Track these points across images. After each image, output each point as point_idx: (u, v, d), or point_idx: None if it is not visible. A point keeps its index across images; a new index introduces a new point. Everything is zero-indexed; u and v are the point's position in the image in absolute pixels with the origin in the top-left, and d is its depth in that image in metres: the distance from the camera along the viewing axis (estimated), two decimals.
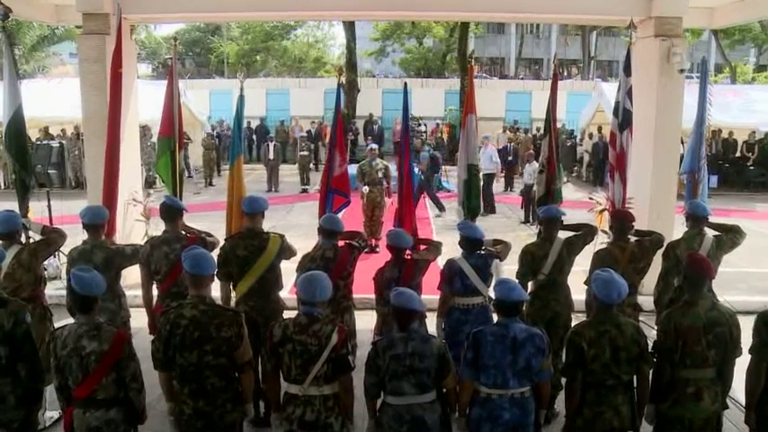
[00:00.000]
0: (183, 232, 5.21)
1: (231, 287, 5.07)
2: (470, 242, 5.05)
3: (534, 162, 13.02)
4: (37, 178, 16.30)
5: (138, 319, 5.34)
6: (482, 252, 5.11)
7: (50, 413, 5.06)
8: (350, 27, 24.41)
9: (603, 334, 3.70)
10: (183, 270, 3.78)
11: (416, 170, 11.32)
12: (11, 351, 3.69)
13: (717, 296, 4.74)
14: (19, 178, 6.10)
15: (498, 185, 17.75)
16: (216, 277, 4.00)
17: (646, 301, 5.46)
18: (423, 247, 5.60)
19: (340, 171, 6.47)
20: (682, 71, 7.60)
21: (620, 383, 3.75)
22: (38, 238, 5.32)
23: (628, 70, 6.85)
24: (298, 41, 38.34)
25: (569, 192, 14.12)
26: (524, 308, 5.11)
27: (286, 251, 5.16)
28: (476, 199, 6.54)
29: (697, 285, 3.87)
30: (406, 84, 6.84)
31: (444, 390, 3.77)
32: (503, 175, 17.97)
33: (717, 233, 5.45)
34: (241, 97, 6.62)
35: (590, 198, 9.68)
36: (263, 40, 36.36)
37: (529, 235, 9.43)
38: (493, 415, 3.65)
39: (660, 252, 5.41)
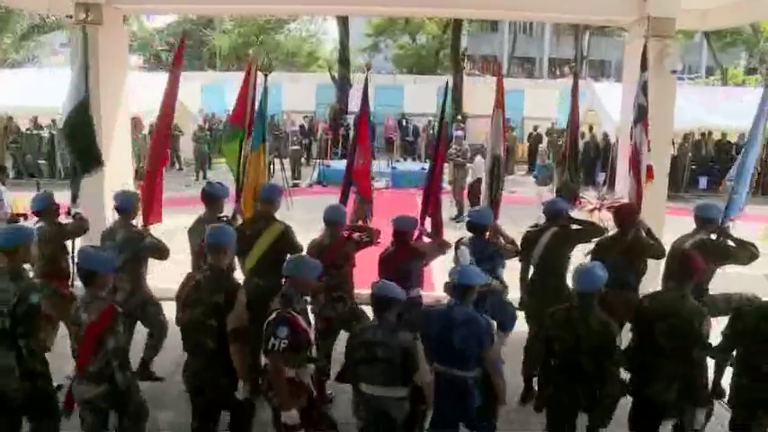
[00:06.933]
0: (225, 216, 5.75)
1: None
2: (472, 226, 5.35)
3: (479, 156, 13.08)
4: (27, 168, 16.30)
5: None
6: (487, 241, 5.36)
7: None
8: (343, 23, 24.33)
9: (570, 320, 3.88)
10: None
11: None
12: (12, 326, 3.75)
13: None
14: (72, 165, 6.33)
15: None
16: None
17: None
18: (428, 239, 5.75)
19: (360, 164, 6.45)
20: (674, 72, 7.66)
21: (582, 373, 3.84)
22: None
23: (644, 66, 6.90)
24: (291, 36, 38.17)
25: None
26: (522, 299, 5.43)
27: (287, 241, 5.29)
28: (497, 188, 6.63)
29: (676, 278, 4.05)
30: (447, 83, 6.91)
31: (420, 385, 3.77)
32: None
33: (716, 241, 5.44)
34: (264, 89, 6.60)
35: (581, 197, 9.70)
36: (257, 33, 36.19)
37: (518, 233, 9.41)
38: (437, 387, 3.81)
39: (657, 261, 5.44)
